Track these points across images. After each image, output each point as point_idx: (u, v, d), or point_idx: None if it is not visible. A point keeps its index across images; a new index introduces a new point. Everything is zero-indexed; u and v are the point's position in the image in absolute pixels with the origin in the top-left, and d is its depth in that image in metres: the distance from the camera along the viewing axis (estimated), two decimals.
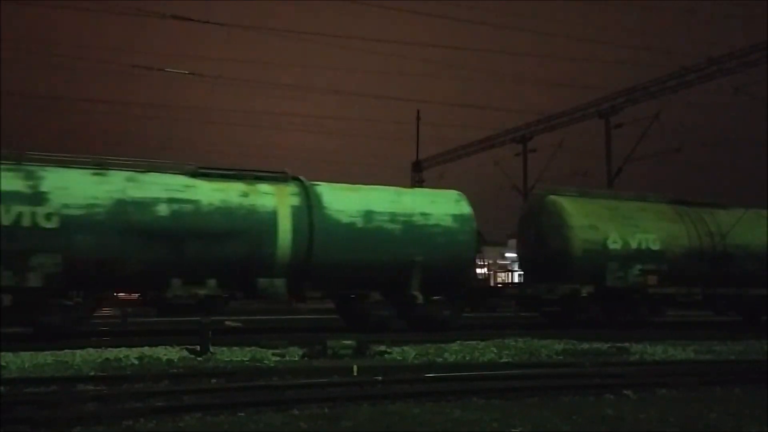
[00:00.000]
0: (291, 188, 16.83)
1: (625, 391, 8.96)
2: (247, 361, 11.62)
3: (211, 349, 12.35)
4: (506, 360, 12.32)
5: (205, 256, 15.40)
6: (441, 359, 12.19)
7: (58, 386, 8.72)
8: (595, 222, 19.69)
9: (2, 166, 14.41)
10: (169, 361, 11.31)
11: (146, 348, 12.51)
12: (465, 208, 18.34)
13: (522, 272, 22.39)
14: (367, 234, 16.84)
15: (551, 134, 31.12)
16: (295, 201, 16.54)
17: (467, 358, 12.37)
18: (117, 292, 16.18)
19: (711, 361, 12.65)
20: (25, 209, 14.13)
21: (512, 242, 30.10)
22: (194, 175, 16.11)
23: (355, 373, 9.86)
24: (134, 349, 12.37)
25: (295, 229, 16.18)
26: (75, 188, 14.70)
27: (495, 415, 7.34)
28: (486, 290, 19.83)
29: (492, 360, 12.31)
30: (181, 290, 15.27)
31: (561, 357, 12.82)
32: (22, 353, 11.56)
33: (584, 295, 18.97)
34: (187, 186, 15.76)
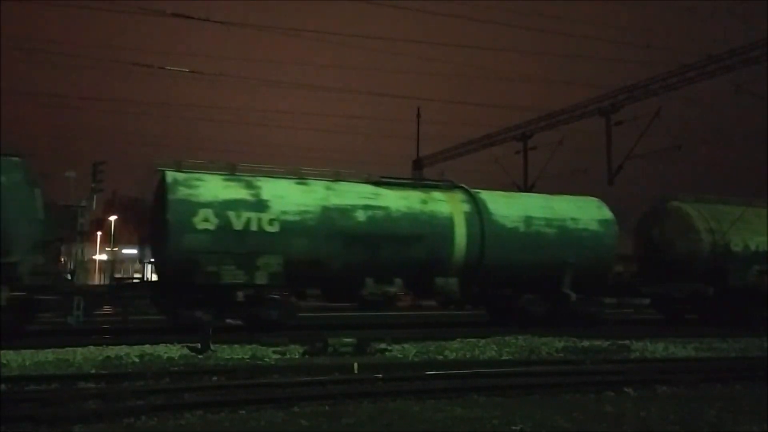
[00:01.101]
0: (460, 196, 18.58)
1: (626, 389, 8.97)
2: (247, 358, 11.63)
3: (212, 346, 12.37)
4: (507, 357, 12.32)
5: (394, 258, 16.98)
6: (441, 357, 12.20)
7: (60, 384, 8.74)
8: (718, 226, 21.18)
9: (222, 176, 16.32)
10: (170, 359, 11.32)
11: (147, 346, 12.52)
12: (607, 214, 20.09)
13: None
14: (527, 238, 18.49)
15: (551, 132, 31.01)
16: (467, 208, 18.24)
17: (468, 356, 12.37)
18: (321, 290, 17.67)
19: (711, 358, 12.66)
20: (252, 215, 15.81)
21: None
22: (378, 183, 17.93)
23: (355, 371, 9.87)
24: (135, 347, 12.38)
25: (469, 234, 17.84)
26: (289, 197, 16.44)
27: (496, 413, 7.35)
28: (622, 288, 20.58)
29: (492, 357, 12.32)
30: (375, 288, 16.91)
31: (561, 354, 12.83)
32: (23, 351, 11.57)
33: (709, 294, 20.33)
34: (376, 194, 17.49)
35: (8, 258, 13.51)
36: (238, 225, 15.57)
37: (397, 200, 17.46)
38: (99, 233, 47.10)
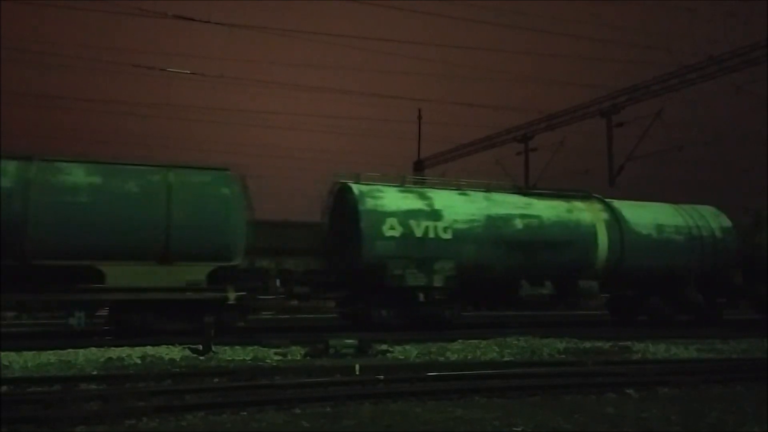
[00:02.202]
0: (598, 205, 20.31)
1: (627, 390, 8.97)
2: (249, 360, 11.63)
3: (213, 348, 12.38)
4: (508, 359, 12.33)
5: (546, 262, 18.61)
6: (443, 358, 12.19)
7: (61, 385, 8.75)
8: None
9: (396, 188, 18.15)
10: (172, 361, 11.33)
11: (149, 347, 12.54)
12: (727, 222, 21.83)
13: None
14: (659, 244, 20.26)
15: (552, 133, 31.02)
16: (606, 216, 19.97)
17: (469, 357, 12.37)
18: (483, 293, 19.00)
19: (713, 359, 12.66)
20: (430, 224, 17.48)
21: None
22: (526, 194, 19.77)
23: (357, 372, 9.88)
24: (137, 348, 12.40)
25: (610, 240, 19.55)
26: (457, 207, 18.13)
27: (497, 414, 7.36)
28: (741, 291, 21.80)
29: (494, 359, 12.32)
30: (530, 290, 18.50)
31: (563, 356, 12.83)
32: (24, 352, 11.59)
33: None
34: (528, 203, 19.19)
35: (233, 261, 15.25)
36: (418, 232, 17.31)
37: (547, 209, 19.23)
38: None
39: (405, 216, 17.26)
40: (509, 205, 18.89)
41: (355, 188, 17.57)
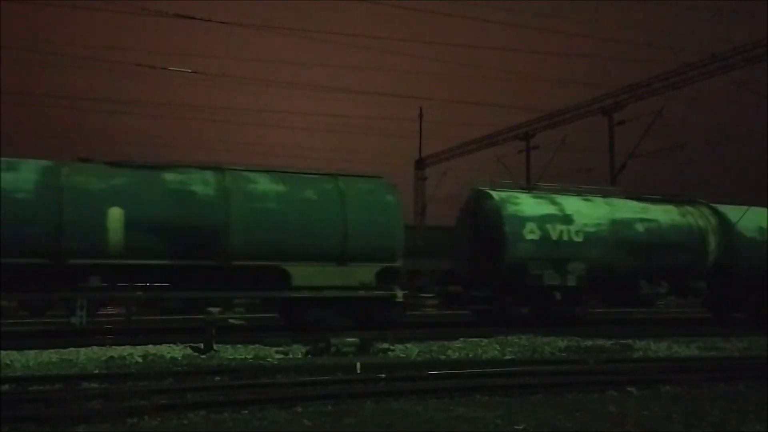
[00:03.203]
0: (705, 209, 21.46)
1: (629, 388, 8.96)
2: (250, 358, 11.63)
3: (215, 346, 12.38)
4: (509, 357, 12.32)
5: (662, 263, 19.87)
6: (444, 356, 12.19)
7: (63, 384, 8.76)
8: None
9: (528, 194, 19.54)
10: (173, 359, 11.33)
11: (150, 346, 12.55)
12: None
13: None
14: (760, 246, 21.27)
15: (554, 131, 31.07)
16: (714, 220, 21.17)
17: (470, 356, 12.37)
18: (606, 291, 20.30)
19: (715, 357, 12.64)
20: (563, 228, 18.79)
21: None
22: (640, 199, 20.95)
23: (358, 371, 9.87)
24: (138, 347, 12.41)
25: (719, 243, 20.85)
26: (585, 212, 19.45)
27: (498, 412, 7.35)
28: None
29: (495, 357, 12.31)
30: (648, 289, 19.74)
31: (564, 354, 12.83)
32: (26, 351, 11.60)
33: None
34: (645, 208, 20.51)
35: (397, 262, 16.77)
36: (554, 235, 18.61)
37: (663, 214, 20.57)
38: None
39: (542, 220, 18.61)
40: (629, 209, 20.25)
41: (496, 195, 18.95)
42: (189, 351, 12.24)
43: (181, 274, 15.04)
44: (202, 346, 12.37)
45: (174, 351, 12.20)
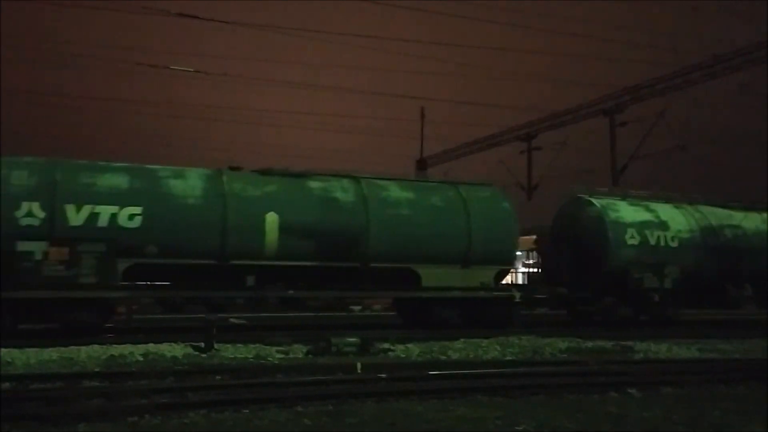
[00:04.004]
0: None
1: (630, 390, 8.96)
2: (251, 358, 11.64)
3: (216, 346, 12.38)
4: (510, 358, 12.31)
5: (746, 267, 21.03)
6: (445, 357, 12.19)
7: (64, 383, 8.76)
8: None
9: (625, 201, 20.42)
10: (174, 358, 11.34)
11: (151, 345, 12.55)
12: None
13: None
14: None
15: (556, 132, 31.00)
16: None
17: (471, 356, 12.36)
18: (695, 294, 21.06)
19: (716, 359, 12.63)
20: (660, 233, 20.06)
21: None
22: (724, 206, 21.98)
23: (359, 371, 9.87)
24: (139, 345, 12.41)
25: None
26: (678, 218, 20.69)
27: (499, 413, 7.35)
28: None
29: (496, 358, 12.31)
30: (734, 292, 20.88)
31: (565, 355, 12.81)
32: (27, 350, 11.60)
33: None
34: (730, 215, 21.75)
35: (511, 265, 18.53)
36: (652, 241, 19.79)
37: (747, 221, 21.72)
38: None
39: (641, 226, 19.81)
40: (717, 216, 21.45)
41: (597, 201, 20.06)
42: (190, 350, 12.25)
43: (323, 274, 16.32)
44: (202, 345, 12.37)
45: (175, 350, 12.20)
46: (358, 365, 10.09)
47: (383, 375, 9.27)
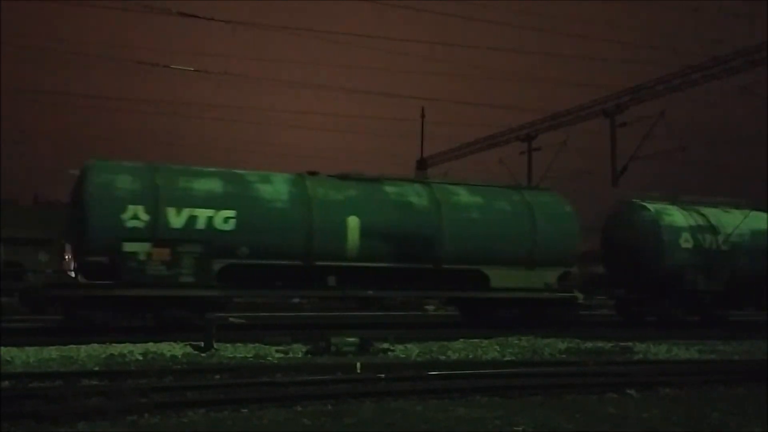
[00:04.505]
0: None
1: (629, 390, 8.96)
2: (250, 357, 11.64)
3: (215, 345, 12.38)
4: (509, 358, 12.32)
5: None
6: (444, 357, 12.20)
7: (63, 381, 8.76)
8: None
9: (674, 206, 21.14)
10: (173, 357, 11.34)
11: (150, 344, 12.55)
12: None
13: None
14: None
15: (556, 133, 30.91)
16: None
17: (470, 356, 12.37)
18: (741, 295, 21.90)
19: (715, 360, 12.64)
20: (711, 237, 20.86)
21: None
22: (760, 209, 22.41)
23: (358, 371, 9.88)
24: (138, 344, 12.41)
25: None
26: (728, 222, 21.36)
27: (498, 413, 7.35)
28: None
29: (495, 358, 12.31)
30: None
31: (564, 356, 12.82)
32: (27, 348, 11.60)
33: None
34: None
35: (573, 267, 19.04)
36: (704, 244, 20.53)
37: None
38: None
39: (693, 230, 20.56)
40: (763, 220, 22.01)
41: (651, 206, 20.89)
42: (189, 349, 12.25)
43: (398, 275, 17.08)
44: (202, 344, 12.38)
45: (174, 349, 12.21)
46: (358, 365, 10.09)
47: (382, 375, 9.28)
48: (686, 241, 20.39)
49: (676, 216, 20.76)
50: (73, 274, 15.37)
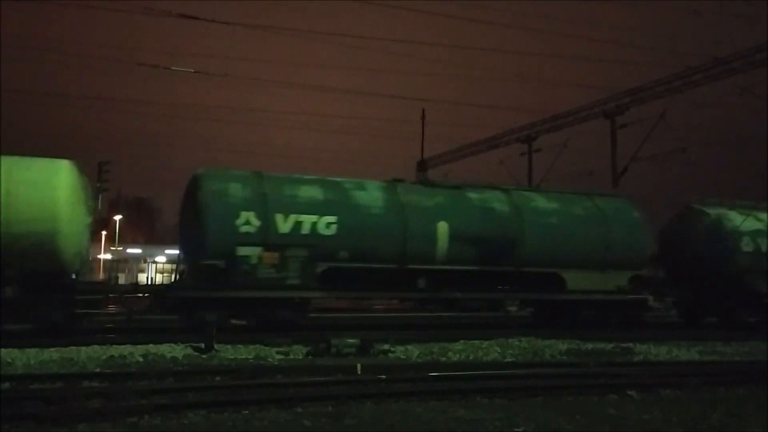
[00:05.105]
0: None
1: (629, 392, 8.96)
2: (251, 358, 11.64)
3: (216, 346, 12.38)
4: (510, 359, 12.31)
5: None
6: (445, 358, 12.19)
7: (64, 383, 8.77)
8: None
9: (734, 210, 21.58)
10: (174, 359, 11.34)
11: (151, 345, 12.55)
12: None
13: None
14: None
15: (556, 134, 30.96)
16: None
17: (471, 358, 12.36)
18: None
19: (715, 361, 12.63)
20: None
21: None
22: None
23: (358, 372, 9.88)
24: (139, 346, 12.40)
25: None
26: None
27: (498, 415, 7.35)
28: None
29: (496, 359, 12.31)
30: None
31: (565, 357, 12.81)
32: (27, 350, 11.60)
33: None
34: None
35: (642, 270, 19.64)
36: (763, 248, 21.00)
37: None
38: (104, 233, 47.16)
39: (753, 234, 21.09)
40: None
41: (712, 212, 21.42)
42: (190, 351, 12.25)
43: (480, 278, 17.87)
44: (202, 345, 12.38)
45: (175, 350, 12.20)
46: (358, 366, 10.09)
47: (383, 376, 9.28)
48: (747, 245, 20.90)
49: (737, 220, 21.24)
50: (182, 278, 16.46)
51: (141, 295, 17.00)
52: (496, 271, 18.01)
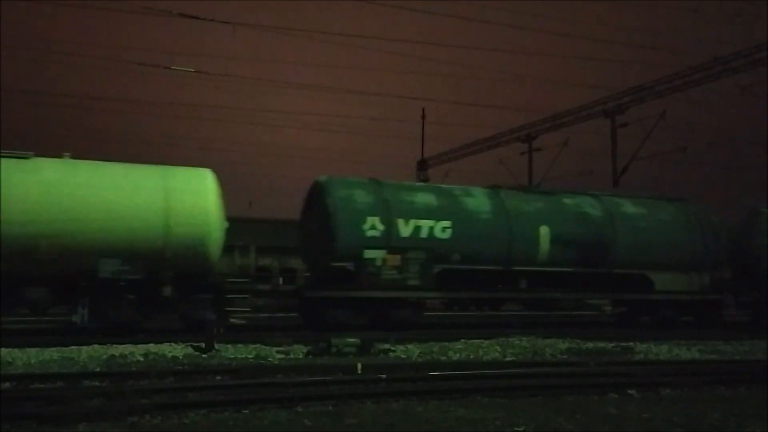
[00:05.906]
0: None
1: (630, 391, 8.96)
2: (251, 358, 11.64)
3: (216, 346, 12.38)
4: (510, 359, 12.32)
5: None
6: (445, 358, 12.19)
7: (64, 382, 8.77)
8: None
9: None
10: (174, 358, 11.34)
11: (151, 345, 12.55)
12: None
13: None
14: None
15: (556, 133, 30.98)
16: None
17: (471, 357, 12.37)
18: None
19: (715, 360, 12.63)
20: None
21: None
22: None
23: (359, 371, 9.88)
24: (140, 345, 12.41)
25: None
26: None
27: (499, 414, 7.35)
28: None
29: (496, 359, 12.31)
30: None
31: (565, 356, 12.81)
32: (28, 349, 11.60)
33: None
34: None
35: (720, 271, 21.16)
36: None
37: None
38: None
39: None
40: None
41: None
42: (190, 350, 12.25)
43: (574, 279, 18.98)
44: (203, 345, 12.38)
45: (175, 350, 12.21)
46: (359, 366, 10.10)
47: (383, 376, 9.28)
48: None
49: None
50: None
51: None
52: (590, 273, 19.06)
